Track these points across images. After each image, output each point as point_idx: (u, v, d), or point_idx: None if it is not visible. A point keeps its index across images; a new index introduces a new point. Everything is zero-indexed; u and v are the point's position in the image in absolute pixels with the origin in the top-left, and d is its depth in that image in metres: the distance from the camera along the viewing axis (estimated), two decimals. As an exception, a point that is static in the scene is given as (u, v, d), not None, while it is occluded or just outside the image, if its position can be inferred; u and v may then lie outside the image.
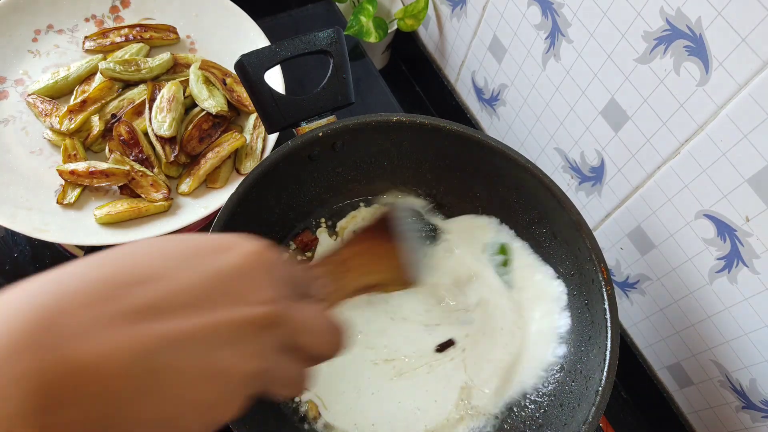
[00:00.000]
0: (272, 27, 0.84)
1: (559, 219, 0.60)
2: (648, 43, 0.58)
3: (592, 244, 0.57)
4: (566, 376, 0.58)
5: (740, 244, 0.56)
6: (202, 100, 0.70)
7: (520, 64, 0.79)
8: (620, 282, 0.75)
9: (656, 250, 0.66)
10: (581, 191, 0.76)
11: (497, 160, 0.62)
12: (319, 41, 0.58)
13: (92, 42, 0.75)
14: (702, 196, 0.58)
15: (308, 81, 0.88)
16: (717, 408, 0.67)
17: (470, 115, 0.97)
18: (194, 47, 0.78)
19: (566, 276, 0.62)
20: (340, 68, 0.59)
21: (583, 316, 0.59)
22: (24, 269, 0.71)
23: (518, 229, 0.66)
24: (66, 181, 0.66)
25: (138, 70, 0.72)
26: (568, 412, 0.55)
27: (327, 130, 0.59)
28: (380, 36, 0.92)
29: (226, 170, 0.70)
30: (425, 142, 0.64)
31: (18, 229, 0.61)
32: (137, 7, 0.79)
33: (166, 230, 0.64)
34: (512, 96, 0.83)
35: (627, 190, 0.68)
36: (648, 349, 0.75)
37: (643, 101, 0.61)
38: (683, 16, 0.53)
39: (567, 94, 0.72)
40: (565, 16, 0.67)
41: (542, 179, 0.59)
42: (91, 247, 0.68)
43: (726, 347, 0.62)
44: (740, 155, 0.53)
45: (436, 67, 1.02)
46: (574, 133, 0.73)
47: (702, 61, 0.53)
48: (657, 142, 0.61)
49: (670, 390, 0.74)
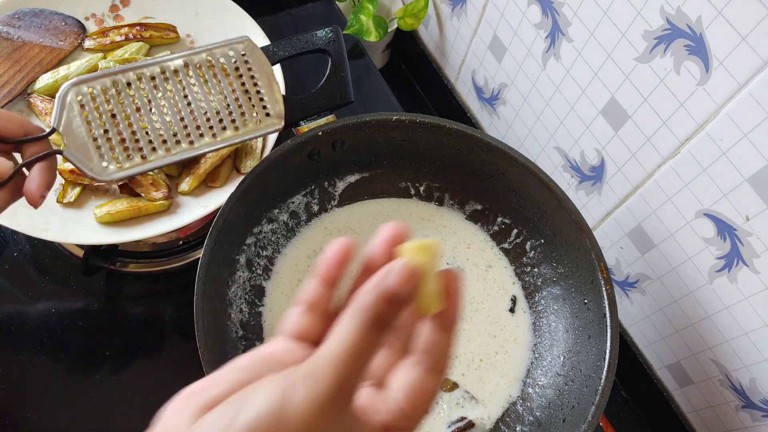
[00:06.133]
0: (272, 26, 0.84)
1: (558, 218, 0.60)
2: (648, 42, 0.58)
3: (592, 243, 0.57)
4: (566, 375, 0.58)
5: (740, 243, 0.56)
6: (201, 99, 0.70)
7: (521, 63, 0.79)
8: (620, 281, 0.75)
9: (656, 249, 0.66)
10: (581, 190, 0.76)
11: (497, 159, 0.62)
12: (317, 40, 0.58)
13: (92, 41, 0.75)
14: (702, 196, 0.58)
15: (309, 80, 0.88)
16: (717, 407, 0.67)
17: (470, 114, 0.97)
18: (194, 46, 0.78)
19: (566, 275, 0.62)
20: (338, 67, 0.58)
21: (583, 315, 0.59)
22: (24, 269, 0.71)
23: (518, 227, 0.66)
24: (66, 180, 0.66)
25: (138, 69, 0.72)
26: (568, 412, 0.55)
27: (326, 129, 0.59)
28: (380, 35, 0.92)
29: (226, 169, 0.69)
30: (425, 142, 0.64)
31: (18, 228, 0.61)
32: (137, 6, 0.79)
33: (167, 229, 0.64)
34: (512, 95, 0.83)
35: (627, 190, 0.68)
36: (648, 348, 0.75)
37: (644, 100, 0.61)
38: (683, 15, 0.53)
39: (567, 93, 0.72)
40: (566, 15, 0.67)
41: (542, 178, 0.59)
42: (91, 246, 0.68)
43: (726, 346, 0.62)
44: (740, 154, 0.53)
45: (436, 66, 1.02)
46: (574, 132, 0.73)
47: (702, 60, 0.53)
48: (657, 142, 0.61)
49: (670, 389, 0.74)
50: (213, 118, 0.45)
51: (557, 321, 0.62)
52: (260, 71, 0.47)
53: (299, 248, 0.66)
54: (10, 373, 0.65)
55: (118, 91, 0.43)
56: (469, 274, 0.66)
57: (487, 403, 0.60)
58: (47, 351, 0.66)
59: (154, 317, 0.71)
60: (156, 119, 0.44)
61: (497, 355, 0.62)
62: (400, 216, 0.68)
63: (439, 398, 0.60)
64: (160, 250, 0.72)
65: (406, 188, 0.69)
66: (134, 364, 0.67)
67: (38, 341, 0.67)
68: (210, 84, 0.45)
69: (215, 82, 0.46)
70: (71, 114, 0.42)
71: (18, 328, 0.67)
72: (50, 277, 0.71)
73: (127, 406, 0.63)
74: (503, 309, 0.65)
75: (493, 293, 0.65)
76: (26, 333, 0.67)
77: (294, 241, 0.66)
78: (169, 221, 0.65)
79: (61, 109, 0.42)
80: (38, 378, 0.65)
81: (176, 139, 0.44)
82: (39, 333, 0.67)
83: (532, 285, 0.65)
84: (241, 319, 0.60)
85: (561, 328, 0.62)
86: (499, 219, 0.67)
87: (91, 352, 0.67)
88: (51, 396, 0.65)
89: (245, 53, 0.47)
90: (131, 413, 0.63)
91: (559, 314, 0.62)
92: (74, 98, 0.42)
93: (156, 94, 0.44)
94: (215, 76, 0.46)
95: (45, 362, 0.66)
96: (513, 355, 0.62)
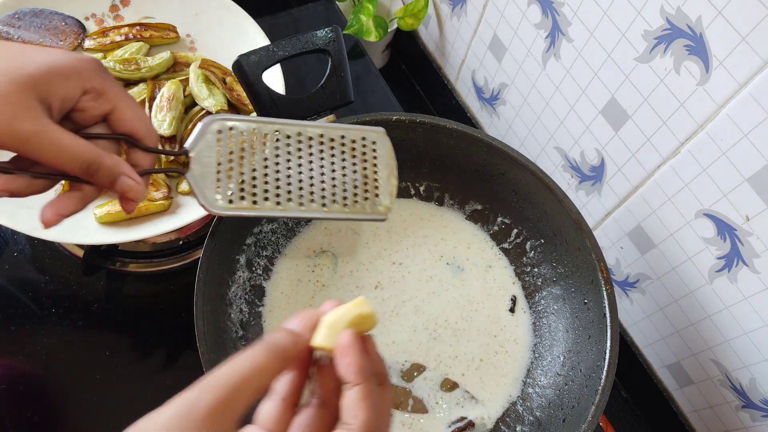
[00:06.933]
0: (272, 26, 0.84)
1: (558, 218, 0.60)
2: (648, 42, 0.58)
3: (592, 243, 0.57)
4: (566, 375, 0.58)
5: (740, 243, 0.56)
6: (202, 99, 0.70)
7: (521, 63, 0.79)
8: (620, 281, 0.75)
9: (656, 249, 0.66)
10: (581, 190, 0.76)
11: (497, 159, 0.62)
12: (317, 40, 0.58)
13: (92, 41, 0.75)
14: (702, 196, 0.58)
15: (310, 80, 0.88)
16: (717, 407, 0.67)
17: (470, 114, 0.97)
18: (194, 46, 0.78)
19: (566, 275, 0.62)
20: (338, 67, 0.58)
21: (583, 315, 0.59)
22: (24, 269, 0.71)
23: (518, 227, 0.66)
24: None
25: (138, 68, 0.72)
26: (568, 412, 0.55)
27: (327, 129, 0.59)
28: (380, 35, 0.92)
29: (226, 169, 0.69)
30: (425, 141, 0.64)
31: (18, 228, 0.61)
32: (137, 6, 0.79)
33: (166, 229, 0.64)
34: (512, 95, 0.83)
35: (627, 190, 0.68)
36: (648, 348, 0.75)
37: (644, 100, 0.61)
38: (683, 15, 0.53)
39: (567, 93, 0.72)
40: (566, 15, 0.67)
41: (542, 178, 0.59)
42: (91, 246, 0.68)
43: (726, 346, 0.62)
44: (740, 154, 0.53)
45: (436, 66, 1.02)
46: (574, 132, 0.73)
47: (702, 60, 0.53)
48: (657, 142, 0.61)
49: (670, 389, 0.74)
50: (328, 189, 0.48)
51: (557, 321, 0.62)
52: (384, 163, 0.50)
53: (299, 248, 0.66)
54: (10, 373, 0.65)
55: (255, 137, 0.46)
56: (469, 274, 0.66)
57: (487, 403, 0.60)
58: (47, 351, 0.66)
59: (154, 317, 0.71)
60: (278, 172, 0.46)
61: (497, 355, 0.62)
62: (400, 216, 0.68)
63: (440, 398, 0.60)
64: (160, 250, 0.72)
65: (406, 188, 0.69)
66: (134, 365, 0.67)
67: (38, 341, 0.67)
68: (336, 158, 0.48)
69: (342, 158, 0.48)
70: (207, 143, 0.44)
71: (18, 328, 0.67)
72: (50, 277, 0.71)
73: (127, 406, 0.63)
74: (503, 309, 0.65)
75: (493, 293, 0.65)
76: (26, 333, 0.67)
77: (294, 241, 0.66)
78: (169, 221, 0.65)
79: (201, 135, 0.44)
80: (38, 378, 0.65)
81: (289, 196, 0.46)
82: (38, 333, 0.67)
83: (532, 285, 0.65)
84: (241, 319, 0.60)
85: (561, 328, 0.62)
86: (499, 219, 0.67)
87: (90, 352, 0.67)
88: (51, 396, 0.65)
89: (376, 142, 0.50)
90: (131, 413, 0.63)
91: (559, 314, 0.62)
92: (215, 130, 0.44)
93: (286, 150, 0.47)
94: (343, 152, 0.48)
95: (44, 362, 0.66)
96: (513, 355, 0.62)
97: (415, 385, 0.60)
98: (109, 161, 0.38)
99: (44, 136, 0.35)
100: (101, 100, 0.39)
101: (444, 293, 0.64)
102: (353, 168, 0.48)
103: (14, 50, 0.36)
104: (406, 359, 0.61)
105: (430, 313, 0.63)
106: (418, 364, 0.61)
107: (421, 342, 0.62)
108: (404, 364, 0.61)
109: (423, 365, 0.61)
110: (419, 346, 0.62)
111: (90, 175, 0.38)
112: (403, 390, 0.60)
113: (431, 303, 0.64)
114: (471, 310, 0.64)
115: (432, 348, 0.62)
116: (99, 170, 0.38)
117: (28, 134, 0.35)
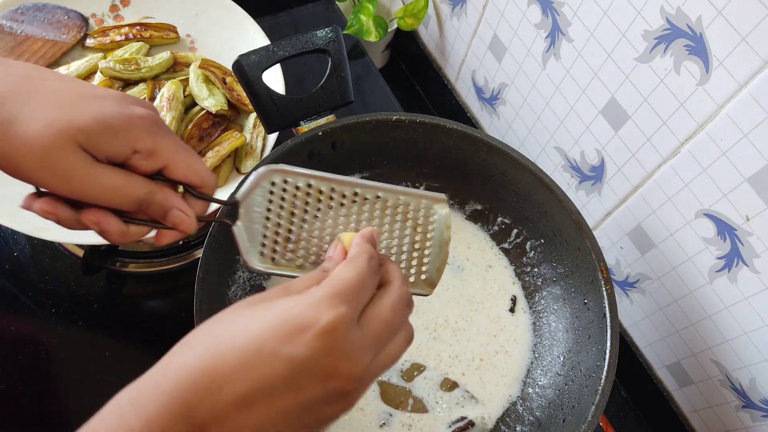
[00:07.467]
0: (272, 26, 0.84)
1: (558, 218, 0.60)
2: (648, 43, 0.58)
3: (592, 243, 0.57)
4: (566, 375, 0.58)
5: (740, 243, 0.56)
6: (202, 99, 0.70)
7: (521, 63, 0.79)
8: (620, 281, 0.75)
9: (656, 249, 0.66)
10: (581, 190, 0.76)
11: (497, 159, 0.62)
12: (316, 40, 0.58)
13: (92, 40, 0.75)
14: (702, 196, 0.58)
15: (310, 80, 0.88)
16: (717, 407, 0.67)
17: (470, 114, 0.97)
18: (194, 46, 0.78)
19: (566, 275, 0.62)
20: (338, 67, 0.58)
21: (583, 315, 0.59)
22: (24, 269, 0.71)
23: (518, 227, 0.66)
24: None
25: (138, 68, 0.72)
26: (568, 412, 0.55)
27: (327, 129, 0.58)
28: (380, 35, 0.92)
29: (227, 169, 0.69)
30: (425, 141, 0.64)
31: (18, 228, 0.61)
32: (137, 6, 0.79)
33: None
34: (512, 95, 0.83)
35: (627, 190, 0.68)
36: (648, 348, 0.75)
37: (644, 100, 0.61)
38: (683, 15, 0.53)
39: (567, 93, 0.72)
40: (566, 15, 0.67)
41: (542, 178, 0.59)
42: (91, 246, 0.68)
43: (726, 346, 0.62)
44: (740, 154, 0.53)
45: (436, 66, 1.02)
46: (574, 132, 0.73)
47: (702, 60, 0.53)
48: (657, 142, 0.61)
49: (670, 389, 0.74)
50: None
51: (557, 321, 0.62)
52: (438, 237, 0.46)
53: (299, 248, 0.66)
54: (10, 373, 0.65)
55: (309, 193, 0.43)
56: (469, 274, 0.66)
57: (488, 403, 0.60)
58: (47, 351, 0.66)
59: (154, 317, 0.71)
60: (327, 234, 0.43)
61: (497, 355, 0.62)
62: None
63: (440, 398, 0.60)
64: (160, 250, 0.72)
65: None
66: (134, 365, 0.67)
67: (38, 341, 0.67)
68: (388, 223, 0.45)
69: (395, 224, 0.45)
70: (259, 195, 0.42)
71: (18, 328, 0.67)
72: (50, 277, 0.71)
73: (127, 406, 0.63)
74: (503, 309, 0.65)
75: (493, 293, 0.65)
76: (26, 333, 0.67)
77: (294, 241, 0.66)
78: (169, 221, 0.65)
79: (254, 186, 0.42)
80: (37, 378, 0.65)
81: None
82: (38, 333, 0.67)
83: (532, 285, 0.65)
84: (241, 319, 0.60)
85: (561, 328, 0.62)
86: (499, 219, 0.67)
87: (90, 352, 0.67)
88: (51, 396, 0.65)
89: (434, 213, 0.46)
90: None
91: (559, 314, 0.62)
92: (269, 182, 0.42)
93: (339, 211, 0.44)
94: (396, 216, 0.45)
95: (44, 362, 0.66)
96: (513, 355, 0.63)
97: (415, 384, 0.60)
98: (160, 196, 0.39)
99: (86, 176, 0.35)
100: (152, 159, 0.38)
101: (444, 293, 0.64)
102: (404, 234, 0.45)
103: (70, 96, 0.36)
104: (406, 359, 0.61)
105: (430, 312, 0.63)
106: (418, 363, 0.61)
107: (421, 342, 0.62)
108: (404, 364, 0.61)
109: (423, 365, 0.61)
110: (419, 345, 0.62)
111: (143, 211, 0.39)
112: (403, 390, 0.60)
113: (431, 303, 0.64)
114: (471, 310, 0.64)
115: (432, 348, 0.62)
116: (151, 206, 0.39)
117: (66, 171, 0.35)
